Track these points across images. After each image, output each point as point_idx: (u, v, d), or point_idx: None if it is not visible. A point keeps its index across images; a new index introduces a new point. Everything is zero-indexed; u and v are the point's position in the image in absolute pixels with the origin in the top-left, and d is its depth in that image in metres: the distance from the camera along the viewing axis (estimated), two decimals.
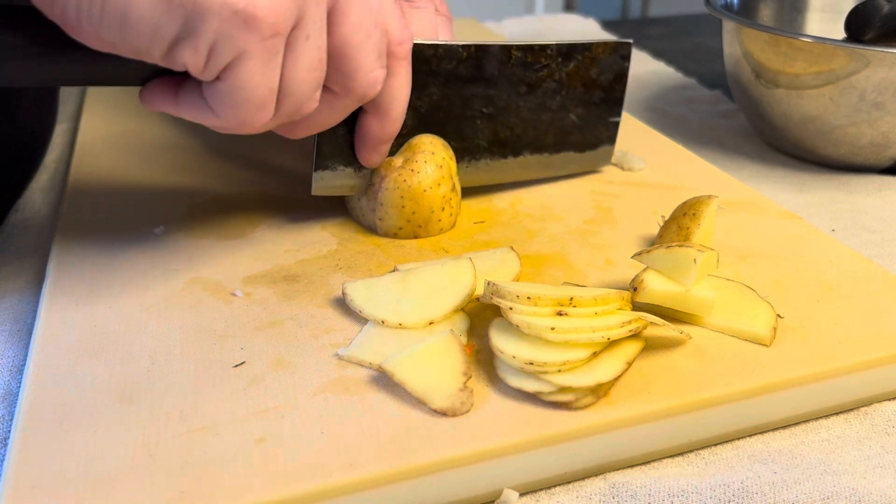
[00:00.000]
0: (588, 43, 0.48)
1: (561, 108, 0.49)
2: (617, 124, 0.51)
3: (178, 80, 0.35)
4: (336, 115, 0.39)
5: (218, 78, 0.33)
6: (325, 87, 0.37)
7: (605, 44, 0.48)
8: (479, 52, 0.45)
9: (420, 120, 0.45)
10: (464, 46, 0.44)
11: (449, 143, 0.46)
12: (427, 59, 0.43)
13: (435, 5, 0.46)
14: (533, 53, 0.46)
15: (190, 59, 0.32)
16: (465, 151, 0.47)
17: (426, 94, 0.44)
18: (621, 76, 0.50)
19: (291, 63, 0.34)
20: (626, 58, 0.49)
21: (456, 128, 0.46)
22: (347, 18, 0.35)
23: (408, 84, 0.40)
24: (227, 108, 0.34)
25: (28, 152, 0.57)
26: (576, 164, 0.51)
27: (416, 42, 0.42)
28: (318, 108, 0.38)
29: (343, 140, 0.43)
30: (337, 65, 0.36)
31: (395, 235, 0.44)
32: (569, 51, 0.47)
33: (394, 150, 0.44)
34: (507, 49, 0.46)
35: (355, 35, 0.36)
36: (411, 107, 0.43)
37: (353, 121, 0.42)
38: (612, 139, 0.52)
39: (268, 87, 0.33)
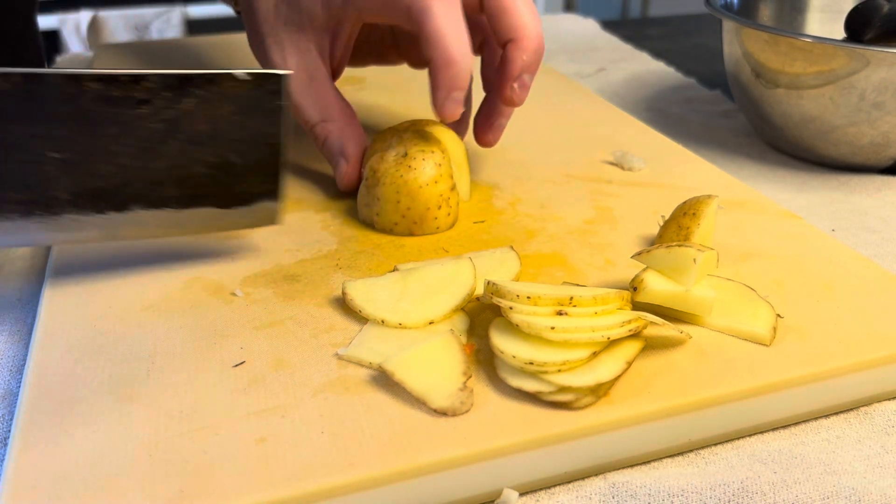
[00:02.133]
0: (210, 74, 0.37)
1: (180, 155, 0.38)
2: (277, 175, 0.40)
3: None
4: None
5: None
6: None
7: (238, 76, 0.38)
8: (30, 84, 0.35)
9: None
10: (6, 75, 0.34)
11: (9, 195, 0.36)
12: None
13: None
14: (120, 86, 0.36)
15: None
16: (36, 205, 0.37)
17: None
18: (274, 118, 0.39)
19: None
20: (277, 94, 0.38)
21: (17, 174, 0.36)
22: None
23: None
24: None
25: None
26: (223, 222, 0.41)
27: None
28: None
29: None
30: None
31: (390, 231, 0.44)
32: (180, 83, 0.37)
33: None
34: (75, 79, 0.35)
35: None
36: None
37: None
38: (272, 194, 0.41)
39: None
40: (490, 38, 0.49)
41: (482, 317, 0.37)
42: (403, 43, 0.53)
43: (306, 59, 0.47)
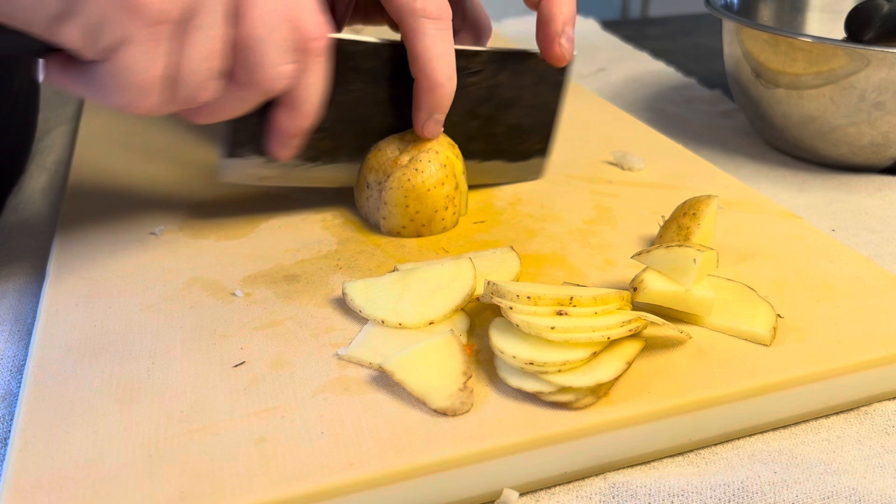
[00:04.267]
0: (523, 51, 0.46)
1: (491, 116, 0.47)
2: (549, 137, 0.50)
3: (73, 57, 0.35)
4: (242, 105, 0.38)
5: (104, 58, 0.33)
6: (231, 78, 0.37)
7: (536, 55, 0.46)
8: (404, 52, 0.42)
9: (340, 114, 0.44)
10: (388, 45, 0.43)
11: (372, 140, 0.45)
12: (349, 55, 0.42)
13: (464, 14, 0.47)
14: (464, 58, 0.44)
15: (73, 38, 0.32)
16: (365, 153, 0.46)
17: (348, 91, 0.43)
18: (557, 89, 0.48)
19: (184, 51, 0.34)
20: (563, 70, 0.48)
21: (378, 126, 0.45)
22: (252, 11, 0.35)
23: (322, 80, 0.39)
24: (112, 89, 0.34)
25: (12, 147, 0.57)
26: (506, 173, 0.50)
27: (336, 37, 0.41)
28: (223, 98, 0.37)
29: (256, 127, 0.41)
30: (241, 56, 0.36)
31: (398, 234, 0.44)
32: (503, 59, 0.46)
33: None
34: None
35: (259, 28, 0.35)
36: (335, 101, 0.42)
37: (266, 110, 0.40)
38: (543, 151, 0.50)
39: (153, 72, 0.33)
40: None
41: (482, 317, 0.37)
42: (339, 11, 0.52)
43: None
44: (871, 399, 0.36)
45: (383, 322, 0.36)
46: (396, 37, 0.43)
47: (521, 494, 0.31)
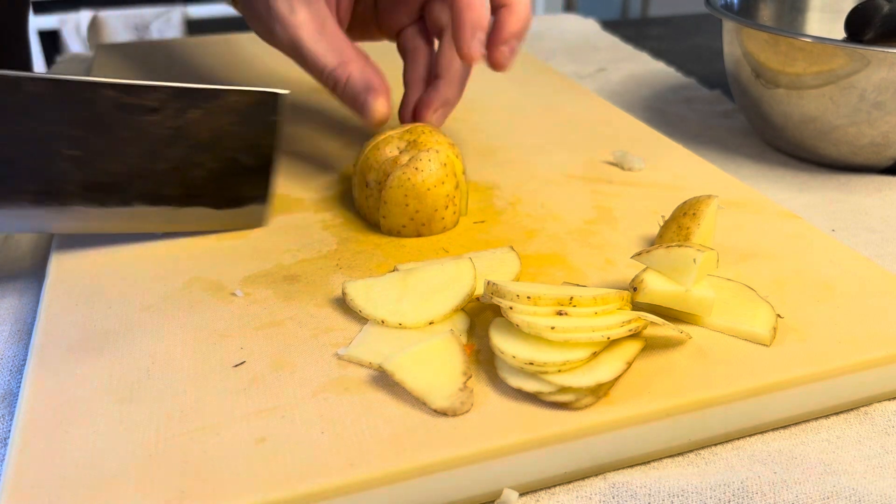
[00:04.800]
0: (217, 89, 0.42)
1: (183, 159, 0.42)
2: (268, 182, 0.45)
3: None
4: None
5: None
6: None
7: (241, 92, 0.42)
8: (56, 88, 0.38)
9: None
10: (34, 80, 0.38)
11: (29, 184, 0.40)
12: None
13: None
14: (134, 94, 0.40)
15: None
16: (48, 196, 0.40)
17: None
18: (269, 130, 0.43)
19: None
20: (274, 109, 0.43)
21: (34, 167, 0.40)
22: None
23: None
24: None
25: None
26: (216, 221, 0.45)
27: None
28: None
29: None
30: None
31: (398, 233, 0.44)
32: (190, 95, 0.41)
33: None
34: (93, 87, 0.39)
35: None
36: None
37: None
38: (262, 198, 0.45)
39: None
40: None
41: (482, 317, 0.37)
42: (383, 15, 0.53)
43: (315, 7, 0.46)
44: (871, 399, 0.36)
45: (383, 322, 0.36)
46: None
47: (521, 494, 0.31)
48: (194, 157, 0.42)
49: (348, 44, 0.47)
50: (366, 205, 0.45)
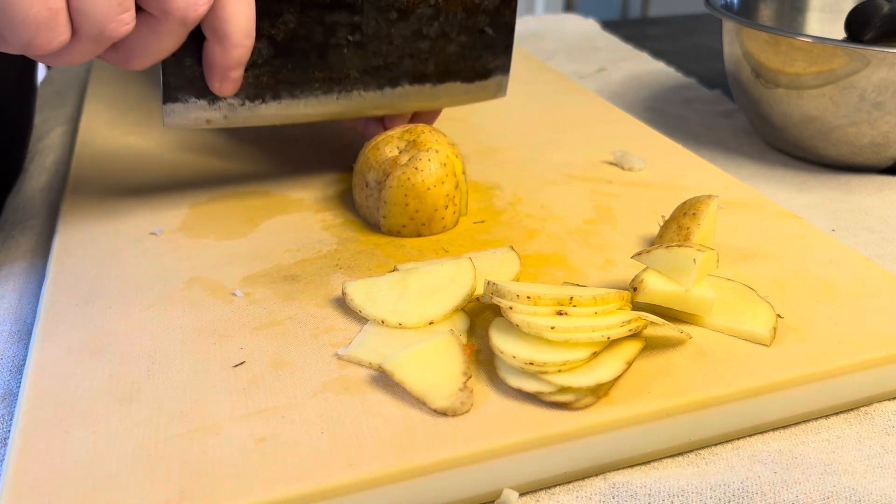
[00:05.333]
0: None
1: (440, 35, 0.46)
2: (508, 51, 0.49)
3: None
4: (163, 40, 0.37)
5: None
6: (144, 11, 0.35)
7: None
8: None
9: (277, 49, 0.43)
10: None
11: (314, 73, 0.44)
12: None
13: None
14: None
15: None
16: (333, 82, 0.45)
17: (280, 22, 0.42)
18: (510, 3, 0.47)
19: None
20: None
21: (320, 57, 0.44)
22: None
23: (244, 6, 0.38)
24: (8, 28, 0.32)
25: (10, 147, 0.57)
26: (466, 95, 0.49)
27: None
28: (140, 33, 0.36)
29: (191, 70, 0.41)
30: None
31: (398, 233, 0.44)
32: None
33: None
34: None
35: None
36: (265, 35, 0.42)
37: (200, 50, 0.40)
38: (504, 68, 0.49)
39: (44, 4, 0.32)
40: None
41: (482, 317, 0.37)
42: None
43: None
44: (871, 399, 0.36)
45: (383, 322, 0.36)
46: None
47: (521, 494, 0.31)
48: (450, 33, 0.46)
49: None
50: (366, 205, 0.45)
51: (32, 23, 0.32)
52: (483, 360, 0.34)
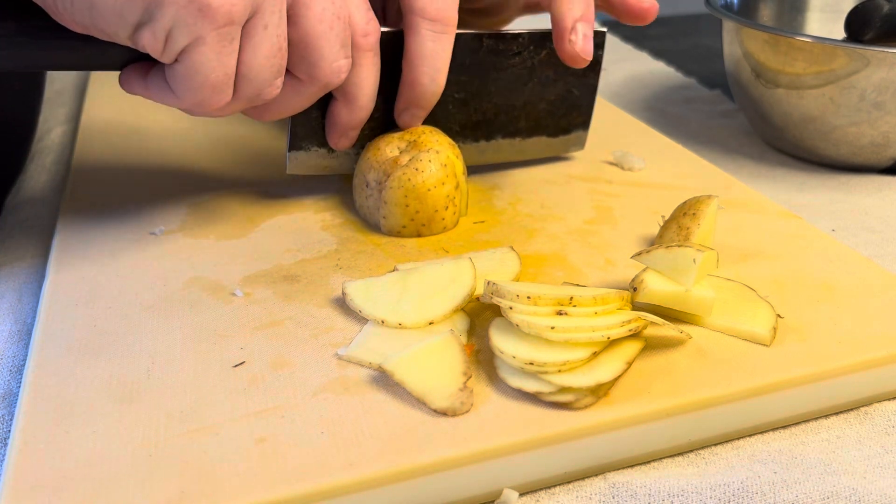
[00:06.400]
0: None
1: (533, 94, 0.50)
2: (590, 110, 0.52)
3: (148, 65, 0.38)
4: (303, 100, 0.41)
5: (177, 61, 0.36)
6: (291, 74, 0.39)
7: None
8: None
9: (391, 104, 0.45)
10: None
11: (425, 125, 0.46)
12: (397, 47, 0.44)
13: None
14: (505, 41, 0.48)
15: (150, 43, 0.34)
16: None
17: (395, 80, 0.44)
18: (595, 64, 0.50)
19: (249, 50, 0.36)
20: (600, 46, 0.49)
21: (429, 112, 0.46)
22: (309, 10, 0.37)
23: (374, 73, 0.42)
24: (185, 90, 0.36)
25: (11, 147, 0.57)
26: (549, 148, 0.53)
27: (384, 30, 0.43)
28: (285, 94, 0.40)
29: (316, 122, 0.45)
30: (301, 53, 0.38)
31: (398, 234, 0.44)
32: (541, 39, 0.48)
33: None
34: (478, 37, 0.47)
35: (317, 26, 0.38)
36: (382, 92, 0.44)
37: (325, 103, 0.44)
38: (585, 124, 0.53)
39: (223, 71, 0.36)
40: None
41: (482, 317, 0.37)
42: (391, 13, 0.53)
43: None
44: (871, 399, 0.36)
45: (383, 322, 0.36)
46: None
47: (521, 494, 0.31)
48: (540, 92, 0.50)
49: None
50: (366, 205, 0.45)
51: (210, 86, 0.36)
52: (483, 360, 0.34)
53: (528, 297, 0.33)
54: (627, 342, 0.33)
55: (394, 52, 0.44)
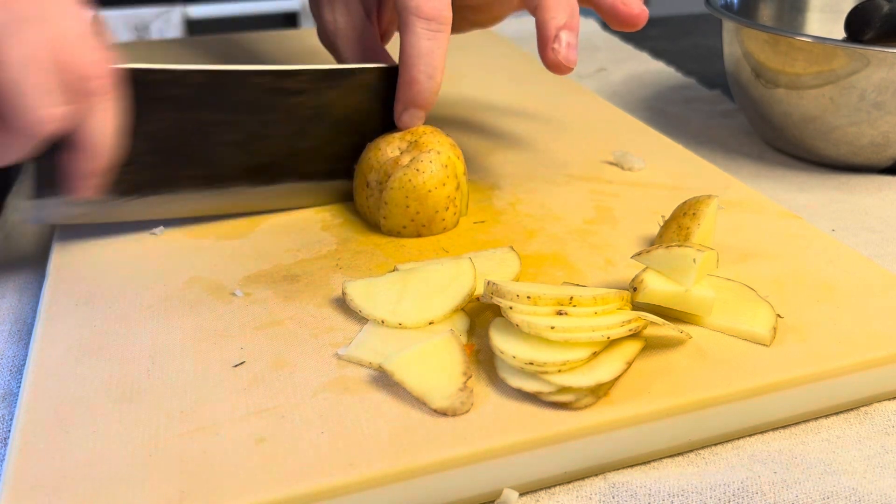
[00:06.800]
0: (350, 68, 0.45)
1: (325, 135, 0.45)
2: None
3: None
4: (14, 151, 0.35)
5: None
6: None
7: (370, 70, 0.45)
8: (217, 78, 0.42)
9: (155, 144, 0.42)
10: (199, 72, 0.41)
11: (193, 170, 0.43)
12: (147, 85, 0.40)
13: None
14: (284, 78, 0.43)
15: None
16: (212, 178, 0.44)
17: (156, 120, 0.41)
18: (393, 103, 0.45)
19: None
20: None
21: (199, 154, 0.43)
22: (6, 54, 0.33)
23: (111, 119, 0.37)
24: None
25: None
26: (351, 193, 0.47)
27: (129, 67, 0.40)
28: None
29: (55, 169, 0.38)
30: (1, 102, 0.34)
31: (398, 234, 0.44)
32: (329, 77, 0.44)
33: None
34: (250, 74, 0.43)
35: (14, 72, 0.33)
36: (141, 132, 0.41)
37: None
38: None
39: None
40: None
41: (482, 317, 0.37)
42: (385, 14, 0.53)
43: (354, 17, 0.48)
44: (871, 399, 0.36)
45: (383, 322, 0.36)
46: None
47: (521, 494, 0.31)
48: (334, 134, 0.45)
49: (384, 58, 0.48)
50: (366, 205, 0.45)
51: None
52: (483, 360, 0.34)
53: (528, 297, 0.33)
54: (627, 342, 0.33)
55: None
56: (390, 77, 0.45)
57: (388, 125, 0.46)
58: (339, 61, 0.49)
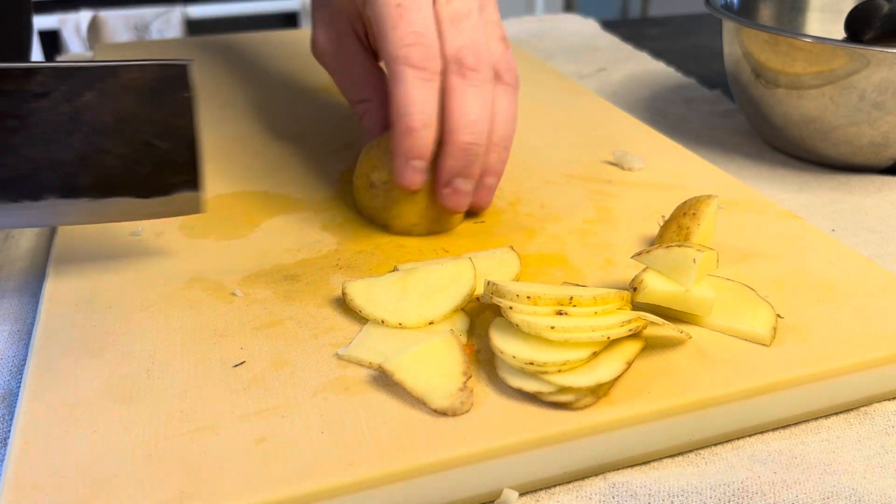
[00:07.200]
0: (109, 66, 0.38)
1: (88, 146, 0.38)
2: (194, 167, 0.40)
3: None
4: None
5: None
6: None
7: (140, 68, 0.38)
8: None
9: None
10: None
11: None
12: None
13: (499, 73, 0.43)
14: (14, 81, 0.36)
15: None
16: None
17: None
18: (183, 107, 0.39)
19: None
20: (185, 85, 0.38)
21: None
22: None
23: None
24: None
25: None
26: (144, 211, 0.40)
27: None
28: None
29: None
30: None
31: (408, 232, 0.44)
32: (79, 77, 0.37)
33: None
34: None
35: None
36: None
37: None
38: (191, 184, 0.40)
39: None
40: None
41: (482, 317, 0.37)
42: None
43: (340, 37, 0.48)
44: (871, 399, 0.36)
45: (383, 322, 0.36)
46: None
47: (521, 494, 0.31)
48: (100, 144, 0.38)
49: (369, 77, 0.48)
50: (371, 206, 0.45)
51: None
52: (483, 360, 0.34)
53: (528, 297, 0.33)
54: (627, 342, 0.33)
55: None
56: (167, 77, 0.38)
57: (174, 131, 0.39)
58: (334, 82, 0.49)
